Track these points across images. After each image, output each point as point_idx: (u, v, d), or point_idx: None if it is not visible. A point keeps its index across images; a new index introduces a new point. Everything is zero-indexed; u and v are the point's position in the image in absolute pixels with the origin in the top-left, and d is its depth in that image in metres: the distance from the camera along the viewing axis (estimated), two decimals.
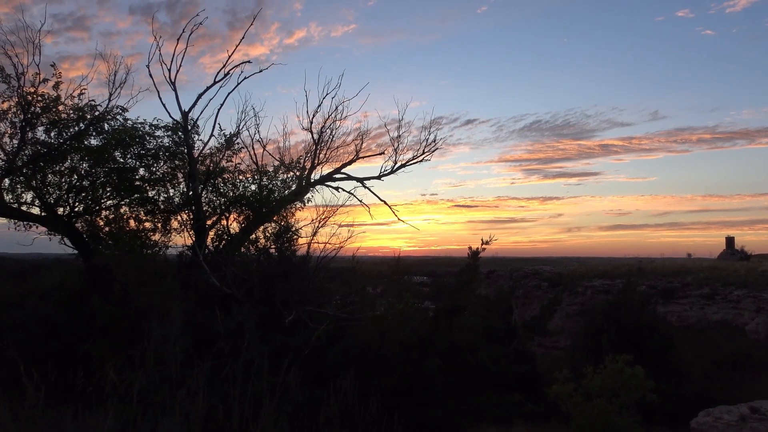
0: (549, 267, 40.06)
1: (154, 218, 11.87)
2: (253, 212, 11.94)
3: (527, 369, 11.88)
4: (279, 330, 9.09)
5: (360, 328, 10.00)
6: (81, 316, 8.60)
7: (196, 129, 11.93)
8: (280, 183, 12.76)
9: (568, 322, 25.69)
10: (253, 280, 10.14)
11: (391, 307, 10.80)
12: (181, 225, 11.83)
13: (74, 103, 10.96)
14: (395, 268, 13.93)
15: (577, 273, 34.38)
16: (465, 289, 11.62)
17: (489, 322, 12.06)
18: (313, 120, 12.82)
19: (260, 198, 11.89)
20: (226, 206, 12.13)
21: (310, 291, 10.55)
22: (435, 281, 32.81)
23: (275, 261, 11.45)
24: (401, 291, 12.58)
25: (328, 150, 13.08)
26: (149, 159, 11.76)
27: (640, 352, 10.85)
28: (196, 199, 11.36)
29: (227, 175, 12.48)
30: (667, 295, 27.81)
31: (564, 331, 24.08)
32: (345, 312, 10.31)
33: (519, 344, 12.64)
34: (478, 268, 11.83)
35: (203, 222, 11.41)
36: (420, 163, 13.20)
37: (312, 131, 12.90)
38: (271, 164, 13.04)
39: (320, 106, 12.74)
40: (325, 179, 12.99)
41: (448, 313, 10.71)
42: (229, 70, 11.38)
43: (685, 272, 30.37)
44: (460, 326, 10.61)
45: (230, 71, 11.39)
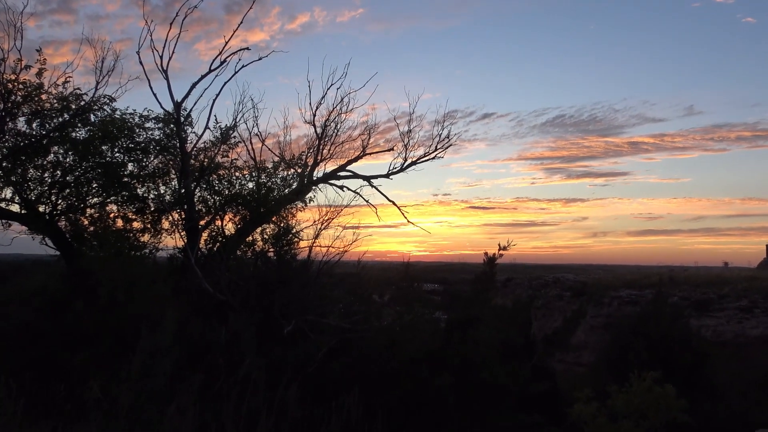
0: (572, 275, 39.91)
1: (143, 217, 11.94)
2: (250, 212, 11.98)
3: (547, 387, 11.84)
4: (277, 341, 9.11)
5: (365, 340, 10.01)
6: (63, 323, 8.66)
7: (190, 121, 11.99)
8: (280, 181, 12.81)
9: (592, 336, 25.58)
10: (249, 286, 10.17)
11: (399, 318, 10.80)
12: (173, 225, 11.89)
13: (58, 92, 11.05)
14: (404, 275, 13.92)
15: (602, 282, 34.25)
16: (480, 299, 11.60)
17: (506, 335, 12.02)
18: (316, 113, 12.88)
19: (258, 197, 11.93)
20: (220, 205, 12.18)
21: (311, 299, 10.57)
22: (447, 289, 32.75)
23: (273, 266, 11.49)
24: (410, 300, 12.57)
25: (333, 145, 13.14)
26: (138, 153, 11.84)
27: (670, 370, 10.79)
28: (189, 197, 11.42)
29: (222, 171, 12.54)
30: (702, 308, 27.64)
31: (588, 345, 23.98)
32: (349, 322, 10.32)
33: (539, 360, 12.60)
34: (494, 276, 11.80)
35: (196, 222, 11.46)
36: (432, 160, 13.24)
37: (315, 125, 12.97)
38: (270, 160, 13.11)
39: (324, 98, 12.81)
40: (328, 177, 13.03)
41: (461, 325, 10.69)
42: (226, 58, 11.45)
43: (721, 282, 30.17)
44: (474, 339, 10.58)
45: (227, 59, 11.46)
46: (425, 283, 34.35)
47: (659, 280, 30.72)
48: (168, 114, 11.49)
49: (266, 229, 12.24)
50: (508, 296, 30.92)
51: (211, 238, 12.08)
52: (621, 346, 13.65)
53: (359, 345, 9.89)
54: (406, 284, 14.09)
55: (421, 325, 10.41)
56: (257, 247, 12.06)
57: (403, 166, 13.11)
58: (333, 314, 10.70)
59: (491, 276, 11.70)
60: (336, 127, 13.05)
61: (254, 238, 12.10)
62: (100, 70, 11.08)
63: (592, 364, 16.51)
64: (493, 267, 11.60)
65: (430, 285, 41.12)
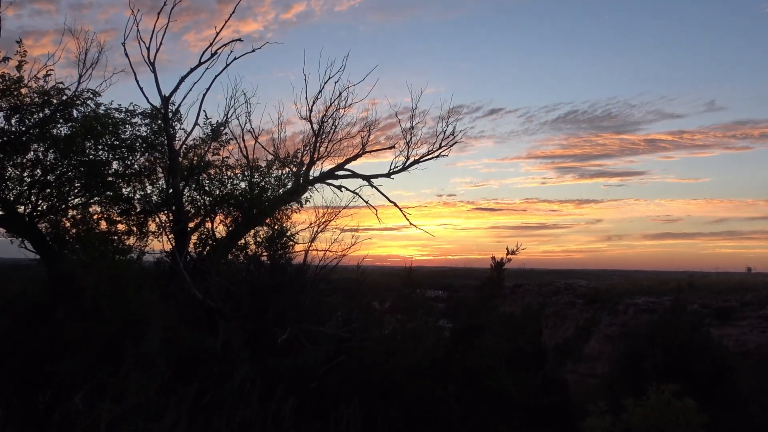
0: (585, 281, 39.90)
1: (128, 219, 11.95)
2: (242, 214, 12.01)
3: (558, 399, 11.85)
4: (271, 350, 9.13)
5: (365, 350, 10.02)
6: (45, 332, 8.67)
7: (178, 117, 12.02)
8: (274, 180, 12.83)
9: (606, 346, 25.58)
10: (241, 292, 10.19)
11: (400, 326, 10.81)
12: (160, 227, 11.90)
13: (39, 86, 11.06)
14: (406, 281, 13.94)
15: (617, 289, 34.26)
16: (487, 306, 11.61)
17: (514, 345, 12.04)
18: (312, 108, 12.89)
19: (251, 197, 11.96)
20: (211, 206, 12.21)
21: (308, 306, 10.59)
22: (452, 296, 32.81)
23: (267, 270, 11.50)
24: (413, 307, 12.59)
25: (330, 143, 13.15)
26: (124, 151, 11.86)
27: (690, 382, 10.79)
28: (177, 197, 11.44)
29: (213, 170, 12.56)
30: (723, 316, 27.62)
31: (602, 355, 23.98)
32: (347, 331, 10.33)
33: (549, 371, 12.61)
34: (502, 282, 11.81)
35: (185, 224, 11.48)
36: (436, 158, 13.23)
37: (311, 121, 12.98)
38: (263, 158, 13.13)
39: (321, 92, 12.81)
40: (325, 176, 13.04)
41: (466, 334, 10.71)
42: (217, 50, 11.47)
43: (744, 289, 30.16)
44: (480, 349, 10.60)
45: (218, 51, 11.48)
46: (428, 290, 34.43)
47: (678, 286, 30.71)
48: (155, 109, 11.51)
49: (259, 232, 12.26)
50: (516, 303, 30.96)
51: (201, 241, 12.10)
52: (637, 357, 13.65)
53: (359, 354, 9.91)
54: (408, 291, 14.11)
55: (424, 334, 10.42)
56: (250, 251, 12.08)
57: (405, 164, 13.12)
58: (330, 322, 10.72)
59: (499, 282, 11.71)
60: (334, 123, 13.07)
61: (246, 241, 12.13)
62: (83, 63, 11.12)
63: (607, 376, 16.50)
64: (501, 272, 11.61)
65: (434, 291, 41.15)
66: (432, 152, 13.19)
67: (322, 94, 12.83)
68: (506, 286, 19.21)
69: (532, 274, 57.50)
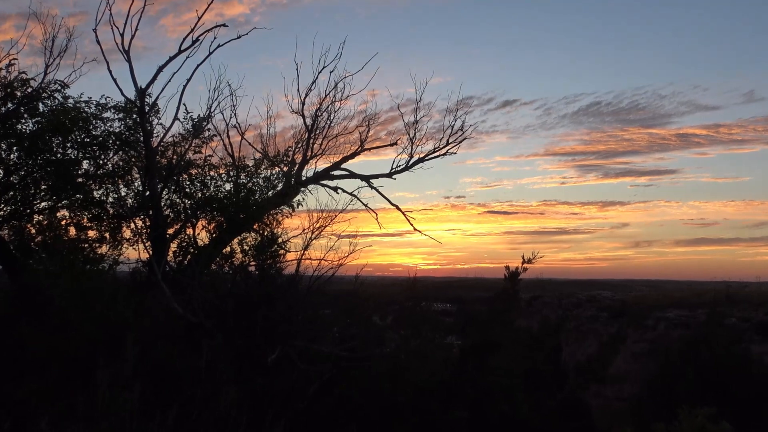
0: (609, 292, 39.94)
1: (100, 225, 11.98)
2: (227, 219, 12.02)
3: (580, 425, 11.84)
4: (260, 370, 9.12)
5: (364, 370, 10.02)
6: (8, 349, 8.68)
7: (156, 111, 12.04)
8: (263, 181, 12.85)
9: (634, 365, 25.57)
10: (226, 306, 10.18)
11: (404, 343, 10.81)
12: (135, 234, 11.93)
13: (1, 77, 11.10)
14: (410, 293, 13.94)
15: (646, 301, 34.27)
16: (500, 321, 11.62)
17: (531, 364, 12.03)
18: (305, 100, 12.93)
19: (237, 200, 11.98)
20: (192, 210, 12.22)
21: (300, 321, 10.58)
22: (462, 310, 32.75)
23: (255, 282, 11.50)
24: (418, 322, 12.59)
25: (325, 139, 13.19)
26: (95, 149, 11.88)
27: (727, 404, 10.78)
28: (155, 200, 11.46)
29: (194, 170, 12.59)
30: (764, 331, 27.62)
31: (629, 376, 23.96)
32: (345, 349, 10.33)
33: (570, 393, 12.60)
34: (517, 294, 11.83)
35: (163, 230, 11.49)
36: (443, 156, 13.27)
37: (304, 115, 13.02)
38: (250, 157, 13.16)
39: (315, 83, 12.86)
40: (320, 177, 13.07)
41: (478, 352, 10.71)
42: (199, 36, 11.49)
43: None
44: (493, 368, 10.60)
45: (200, 37, 11.50)
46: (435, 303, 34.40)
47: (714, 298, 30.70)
48: (130, 102, 11.53)
49: (246, 239, 12.26)
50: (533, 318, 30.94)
51: (181, 249, 12.11)
52: (668, 377, 13.64)
53: (357, 375, 9.90)
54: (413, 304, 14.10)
55: (430, 352, 10.42)
56: (236, 260, 12.08)
57: (408, 163, 13.15)
58: (326, 339, 10.71)
59: (513, 294, 11.71)
60: (329, 117, 13.12)
61: (232, 249, 12.13)
62: (50, 51, 11.15)
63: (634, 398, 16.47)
64: (516, 283, 11.61)
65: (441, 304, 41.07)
66: (438, 149, 13.22)
67: (315, 85, 12.89)
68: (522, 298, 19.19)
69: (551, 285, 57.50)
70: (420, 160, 13.17)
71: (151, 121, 11.90)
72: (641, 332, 30.08)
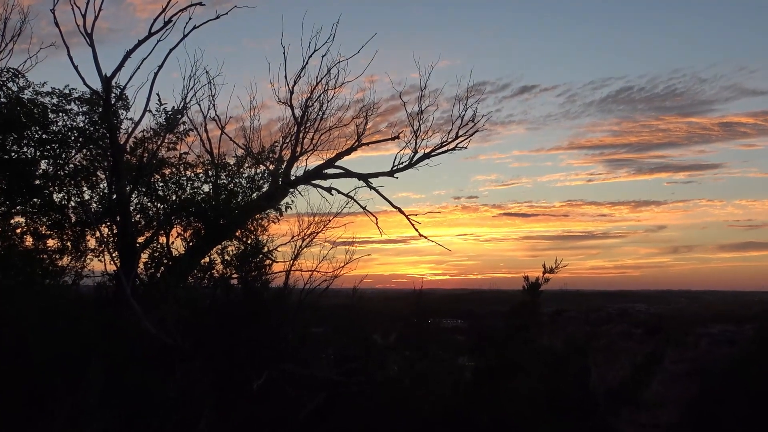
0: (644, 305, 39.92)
1: (61, 233, 11.95)
2: (205, 225, 12.01)
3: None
4: (244, 398, 9.13)
5: (363, 397, 10.02)
6: None
7: (124, 102, 12.01)
8: (246, 182, 12.83)
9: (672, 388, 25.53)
10: (205, 324, 10.20)
11: (409, 366, 10.80)
12: (101, 243, 11.91)
13: None
14: (415, 307, 13.96)
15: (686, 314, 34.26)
16: (519, 339, 11.61)
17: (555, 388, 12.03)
18: (294, 89, 12.91)
19: (216, 204, 11.96)
20: (166, 216, 12.21)
21: (290, 342, 10.59)
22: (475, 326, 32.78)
23: (238, 297, 11.51)
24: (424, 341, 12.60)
25: (317, 133, 13.17)
26: (55, 146, 11.86)
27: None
28: (123, 205, 11.44)
29: (168, 169, 12.57)
30: None
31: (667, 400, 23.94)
32: (341, 373, 10.33)
33: (600, 420, 12.60)
34: (538, 308, 11.83)
35: (133, 239, 11.47)
36: (452, 151, 13.23)
37: (292, 105, 12.99)
38: (232, 154, 13.14)
39: (305, 69, 12.83)
40: (311, 176, 13.04)
41: (494, 374, 10.70)
42: (172, 16, 11.48)
43: None
44: (512, 394, 10.60)
45: (173, 17, 11.48)
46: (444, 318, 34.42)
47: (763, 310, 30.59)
48: (94, 93, 11.51)
49: (228, 248, 12.26)
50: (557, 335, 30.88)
51: (154, 260, 12.09)
52: (712, 401, 13.64)
53: (355, 402, 9.90)
54: (419, 320, 14.12)
55: (438, 376, 10.41)
56: (216, 272, 12.07)
57: (412, 159, 13.11)
58: (319, 362, 10.71)
59: (534, 308, 11.70)
60: (321, 107, 13.08)
61: (212, 259, 12.12)
62: (2, 35, 11.14)
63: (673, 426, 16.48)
64: (537, 295, 11.61)
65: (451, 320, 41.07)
66: (446, 143, 13.18)
67: (305, 71, 12.86)
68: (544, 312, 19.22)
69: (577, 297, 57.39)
70: (425, 156, 13.13)
71: (118, 114, 11.88)
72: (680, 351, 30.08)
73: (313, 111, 13.03)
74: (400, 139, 13.24)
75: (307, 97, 12.97)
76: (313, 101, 12.98)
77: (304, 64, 12.74)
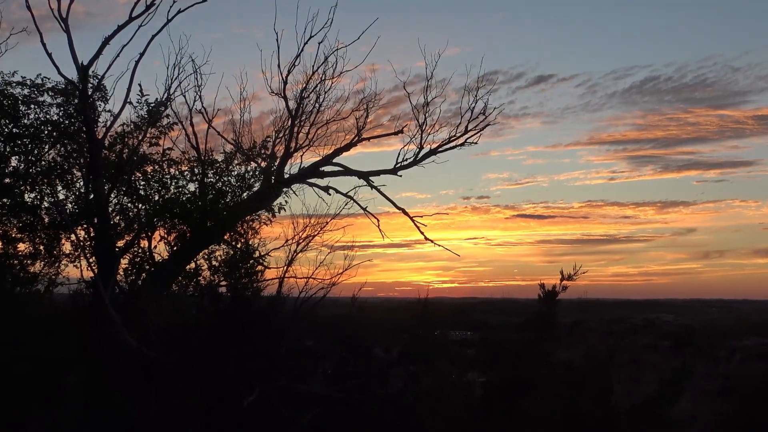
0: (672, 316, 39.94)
1: (33, 236, 11.96)
2: (191, 227, 12.01)
3: None
4: (233, 418, 9.13)
5: (364, 415, 10.01)
6: None
7: (102, 93, 12.03)
8: (235, 180, 12.85)
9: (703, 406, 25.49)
10: (191, 337, 10.20)
11: (413, 382, 10.79)
12: (77, 247, 11.92)
13: None
14: (421, 318, 13.94)
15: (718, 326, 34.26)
16: (534, 353, 11.60)
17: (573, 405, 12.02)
18: (288, 78, 12.91)
19: (203, 204, 11.96)
20: (148, 217, 12.22)
21: (284, 355, 10.59)
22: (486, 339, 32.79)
23: (227, 306, 11.51)
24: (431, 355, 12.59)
25: (313, 127, 13.16)
26: (26, 141, 11.88)
27: None
28: (101, 205, 11.45)
29: (150, 167, 12.58)
30: None
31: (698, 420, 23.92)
32: (340, 390, 10.33)
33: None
34: (555, 318, 11.82)
35: (111, 243, 11.49)
36: (460, 147, 13.23)
37: (286, 96, 12.99)
38: (220, 149, 13.14)
39: (300, 57, 12.83)
40: (307, 174, 13.04)
41: (507, 392, 10.69)
42: (154, 0, 11.51)
43: None
44: (526, 413, 10.59)
45: (156, 0, 11.51)
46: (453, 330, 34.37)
47: None
48: (70, 83, 11.54)
49: (216, 253, 12.28)
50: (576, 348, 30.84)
51: (135, 265, 12.11)
52: (747, 420, 13.62)
53: (355, 421, 9.90)
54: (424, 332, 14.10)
55: (446, 393, 10.40)
56: (203, 279, 12.09)
57: (417, 156, 13.11)
58: (316, 378, 10.71)
59: (550, 319, 11.70)
60: (317, 99, 13.08)
61: (198, 265, 12.14)
62: None
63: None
64: (554, 305, 11.60)
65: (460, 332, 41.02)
66: (455, 138, 13.18)
67: (300, 59, 12.86)
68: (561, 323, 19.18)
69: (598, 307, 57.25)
70: (432, 152, 13.13)
71: (95, 107, 11.91)
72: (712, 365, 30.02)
73: (309, 103, 13.05)
74: (404, 133, 13.23)
75: (303, 88, 12.98)
76: (308, 92, 13.00)
77: (299, 51, 12.77)
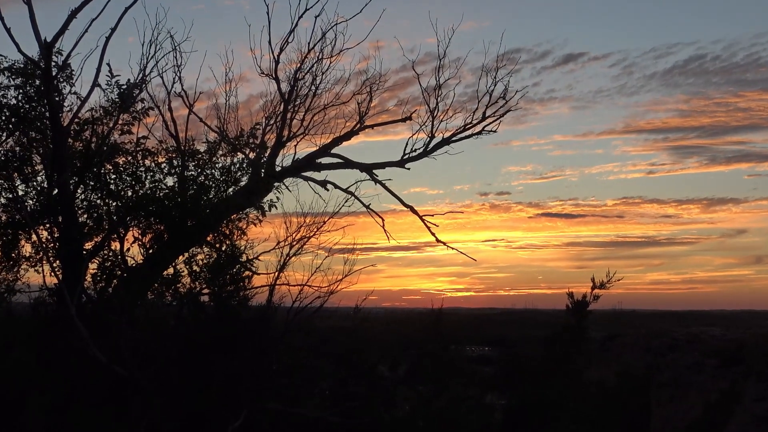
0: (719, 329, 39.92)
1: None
2: (169, 227, 12.02)
3: None
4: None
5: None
6: None
7: (68, 73, 12.06)
8: (220, 173, 12.85)
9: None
10: (168, 352, 10.22)
11: (424, 405, 10.81)
12: (39, 250, 11.95)
13: None
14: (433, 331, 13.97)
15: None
16: (561, 371, 11.63)
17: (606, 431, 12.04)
18: (280, 57, 12.92)
19: (183, 201, 11.99)
20: (120, 215, 12.24)
21: (275, 374, 10.61)
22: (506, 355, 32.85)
23: (210, 317, 11.54)
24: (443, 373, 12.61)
25: (309, 112, 13.16)
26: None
27: None
28: (66, 202, 11.48)
29: (123, 158, 12.60)
30: None
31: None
32: (339, 413, 10.35)
33: None
34: (585, 332, 11.83)
35: (78, 244, 11.51)
36: (477, 136, 13.22)
37: (278, 78, 13.00)
38: (202, 138, 13.15)
39: (294, 32, 12.83)
40: (302, 166, 13.05)
41: (530, 416, 10.72)
42: None
43: None
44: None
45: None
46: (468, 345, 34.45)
47: None
48: (31, 62, 11.57)
49: (197, 256, 12.29)
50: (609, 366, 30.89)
51: (105, 270, 12.13)
52: None
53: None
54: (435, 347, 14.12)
55: (461, 416, 10.42)
56: (182, 286, 12.10)
57: (427, 146, 13.11)
58: (312, 399, 10.72)
59: (580, 332, 11.72)
60: (314, 81, 13.08)
61: (177, 270, 12.16)
62: None
63: None
64: (584, 317, 11.62)
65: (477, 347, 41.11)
66: (470, 126, 13.18)
67: (295, 34, 12.86)
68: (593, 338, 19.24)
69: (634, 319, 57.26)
70: (444, 142, 13.13)
71: (60, 89, 11.92)
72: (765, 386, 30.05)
73: (304, 85, 13.05)
74: (413, 120, 13.21)
75: (297, 68, 12.97)
76: (303, 73, 12.99)
77: (293, 26, 12.77)
